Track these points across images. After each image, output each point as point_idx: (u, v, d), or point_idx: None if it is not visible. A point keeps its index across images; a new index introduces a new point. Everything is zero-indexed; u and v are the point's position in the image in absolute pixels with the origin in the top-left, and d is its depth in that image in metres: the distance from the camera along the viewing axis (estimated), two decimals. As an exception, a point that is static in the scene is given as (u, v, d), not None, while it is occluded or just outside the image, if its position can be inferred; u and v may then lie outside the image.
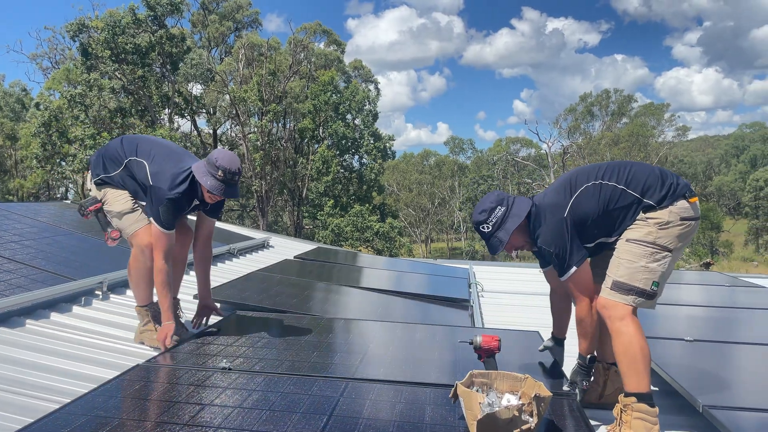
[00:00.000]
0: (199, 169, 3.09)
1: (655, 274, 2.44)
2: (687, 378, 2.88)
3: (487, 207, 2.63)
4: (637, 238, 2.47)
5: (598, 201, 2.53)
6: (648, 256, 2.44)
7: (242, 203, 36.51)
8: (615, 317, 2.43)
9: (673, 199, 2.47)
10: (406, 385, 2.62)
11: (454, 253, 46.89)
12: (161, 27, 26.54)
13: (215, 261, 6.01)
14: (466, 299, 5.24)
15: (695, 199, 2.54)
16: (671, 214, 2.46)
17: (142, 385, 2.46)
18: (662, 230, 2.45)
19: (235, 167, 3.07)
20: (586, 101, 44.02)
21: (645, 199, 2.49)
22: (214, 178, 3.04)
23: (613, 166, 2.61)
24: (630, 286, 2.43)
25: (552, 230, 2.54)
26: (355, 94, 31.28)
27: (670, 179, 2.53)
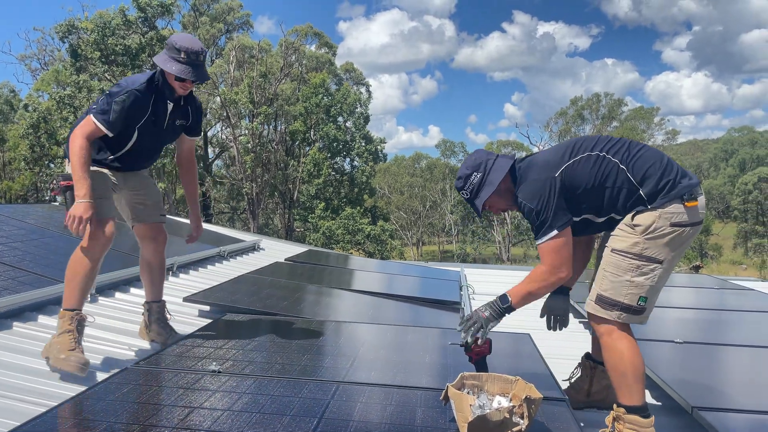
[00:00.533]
0: (160, 59, 2.87)
1: (643, 289, 2.26)
2: (677, 380, 2.89)
3: (463, 174, 2.51)
4: (622, 249, 2.28)
5: (596, 173, 2.32)
6: (633, 270, 2.26)
7: (233, 206, 36.39)
8: (602, 332, 2.34)
9: (665, 199, 2.25)
10: (397, 388, 2.61)
11: (446, 255, 46.95)
12: (152, 28, 26.45)
13: (205, 263, 5.98)
14: (457, 302, 5.24)
15: (694, 203, 2.26)
16: (660, 219, 2.23)
17: (131, 388, 2.43)
18: (649, 240, 2.25)
19: (198, 47, 2.88)
20: (576, 105, 44.31)
21: (641, 188, 2.28)
22: (178, 62, 2.84)
23: (623, 143, 2.39)
24: (614, 301, 2.28)
25: (536, 186, 2.34)
26: (346, 96, 31.30)
27: (669, 176, 2.27)
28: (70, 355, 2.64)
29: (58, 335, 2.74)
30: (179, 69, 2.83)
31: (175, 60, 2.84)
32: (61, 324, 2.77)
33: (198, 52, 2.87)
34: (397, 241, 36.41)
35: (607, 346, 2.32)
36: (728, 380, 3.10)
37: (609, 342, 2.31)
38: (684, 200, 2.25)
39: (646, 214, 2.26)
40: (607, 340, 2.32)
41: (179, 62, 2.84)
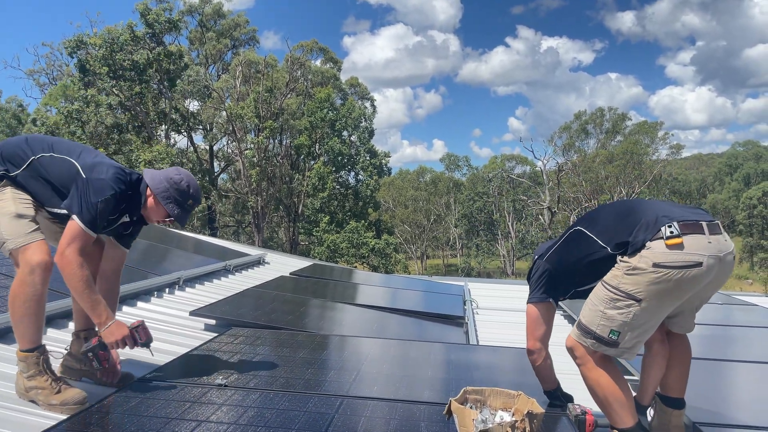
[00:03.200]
0: (163, 195, 2.68)
1: (614, 323, 2.22)
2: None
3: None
4: (605, 280, 2.29)
5: (575, 251, 2.49)
6: (607, 302, 2.24)
7: (238, 219, 36.50)
8: (578, 359, 2.37)
9: (636, 246, 2.19)
10: (401, 402, 2.64)
11: (450, 269, 46.89)
12: (159, 44, 26.78)
13: (211, 277, 6.03)
14: (461, 316, 5.26)
15: (676, 241, 2.12)
16: (641, 260, 2.17)
17: (138, 402, 2.47)
18: (629, 276, 2.19)
19: (200, 196, 2.79)
20: (580, 119, 44.38)
21: (603, 244, 2.33)
22: (181, 208, 2.71)
23: (597, 211, 2.54)
24: (588, 329, 2.31)
25: (533, 270, 2.75)
26: (351, 111, 31.50)
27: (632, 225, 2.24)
28: (65, 399, 2.45)
29: (29, 378, 2.48)
30: (180, 215, 2.71)
31: (179, 205, 2.71)
32: (25, 367, 2.48)
33: (199, 201, 2.81)
34: (402, 255, 36.41)
35: (584, 375, 2.38)
36: (731, 397, 3.11)
37: (584, 371, 2.36)
38: (664, 238, 2.14)
39: (629, 256, 2.23)
40: (582, 369, 2.37)
41: (182, 208, 2.72)
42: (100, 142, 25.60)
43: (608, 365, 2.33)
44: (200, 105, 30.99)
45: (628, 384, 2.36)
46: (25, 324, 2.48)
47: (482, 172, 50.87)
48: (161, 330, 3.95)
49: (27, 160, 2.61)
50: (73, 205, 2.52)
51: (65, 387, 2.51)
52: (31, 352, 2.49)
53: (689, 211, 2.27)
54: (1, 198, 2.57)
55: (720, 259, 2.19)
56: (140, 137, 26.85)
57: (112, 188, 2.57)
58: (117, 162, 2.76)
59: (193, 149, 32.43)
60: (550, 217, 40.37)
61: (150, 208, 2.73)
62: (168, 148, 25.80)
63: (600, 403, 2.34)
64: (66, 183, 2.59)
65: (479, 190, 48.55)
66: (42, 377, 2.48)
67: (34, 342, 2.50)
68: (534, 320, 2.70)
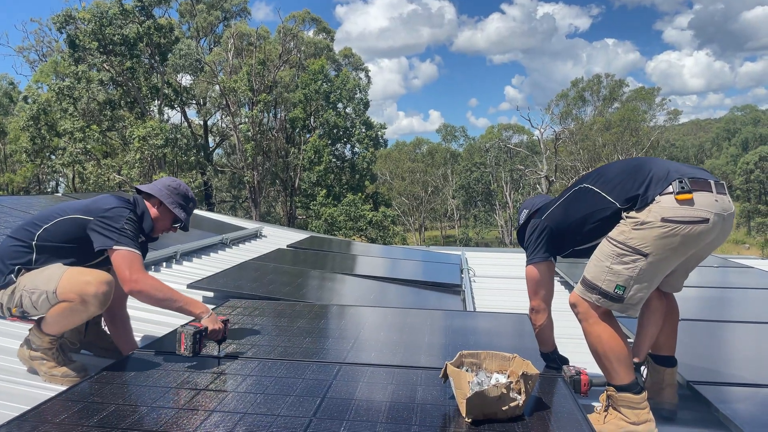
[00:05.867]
0: (164, 195, 2.79)
1: (620, 278, 2.26)
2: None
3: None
4: (611, 236, 2.32)
5: (580, 206, 2.50)
6: (614, 257, 2.27)
7: (234, 195, 36.44)
8: (581, 315, 2.39)
9: (645, 201, 2.23)
10: (398, 368, 2.67)
11: (448, 240, 47.05)
12: (149, 17, 26.33)
13: (208, 251, 6.04)
14: (458, 284, 5.29)
15: (686, 196, 2.16)
16: (650, 214, 2.20)
17: (137, 372, 2.49)
18: (636, 231, 2.23)
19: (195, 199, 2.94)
20: (577, 86, 44.05)
21: (611, 198, 2.35)
22: (185, 211, 2.85)
23: (604, 168, 2.51)
24: (593, 284, 2.33)
25: (529, 228, 2.77)
26: (345, 82, 31.17)
27: (641, 179, 2.28)
28: (66, 371, 2.54)
29: (39, 350, 2.55)
30: (186, 218, 2.87)
31: (183, 209, 2.86)
32: (39, 342, 2.54)
33: (196, 205, 2.96)
34: (399, 227, 36.48)
35: (586, 330, 2.39)
36: (725, 356, 3.15)
37: (587, 326, 2.38)
38: (675, 193, 2.18)
39: (636, 211, 2.26)
40: (585, 325, 2.39)
41: (186, 212, 2.87)
42: (92, 118, 25.37)
43: (610, 321, 2.36)
44: (193, 79, 30.65)
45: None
46: (62, 324, 2.52)
47: (479, 142, 50.66)
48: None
49: (31, 246, 2.58)
50: (106, 241, 2.53)
51: (69, 361, 2.60)
52: (49, 336, 2.55)
53: (697, 170, 2.31)
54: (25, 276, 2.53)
55: (724, 219, 2.23)
56: (133, 113, 26.61)
57: (125, 208, 2.64)
58: None
59: (187, 124, 32.16)
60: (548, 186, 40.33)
61: (156, 218, 2.81)
62: (162, 124, 25.59)
63: (599, 358, 2.37)
64: (79, 236, 2.58)
65: (476, 160, 48.40)
66: (49, 352, 2.56)
67: (58, 333, 2.57)
68: (537, 281, 2.70)
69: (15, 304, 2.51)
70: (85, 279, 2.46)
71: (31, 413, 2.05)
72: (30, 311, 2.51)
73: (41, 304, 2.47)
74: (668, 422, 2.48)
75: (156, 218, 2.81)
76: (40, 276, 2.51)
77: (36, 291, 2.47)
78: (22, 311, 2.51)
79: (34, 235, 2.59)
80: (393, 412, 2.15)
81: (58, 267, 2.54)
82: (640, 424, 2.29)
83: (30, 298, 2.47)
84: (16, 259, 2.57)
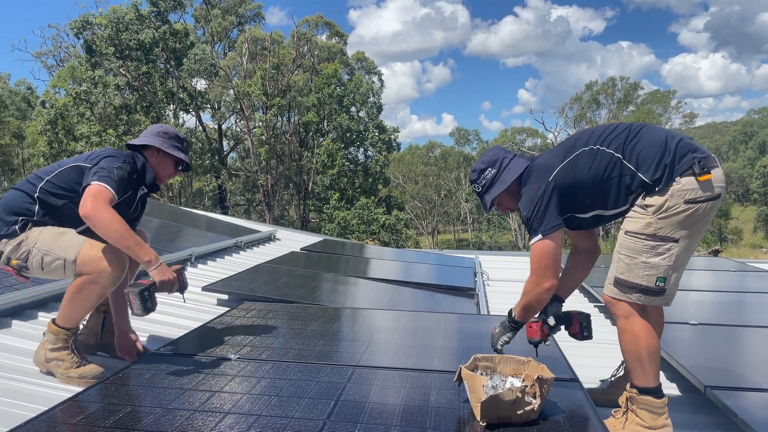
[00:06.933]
0: (165, 145, 2.81)
1: (659, 270, 2.23)
2: (691, 360, 2.91)
3: (477, 168, 2.59)
4: (635, 230, 2.26)
5: (591, 168, 2.32)
6: (648, 251, 2.23)
7: (248, 198, 36.64)
8: (620, 315, 2.34)
9: (670, 180, 2.20)
10: (412, 371, 2.66)
11: (461, 244, 46.90)
12: (164, 23, 26.62)
13: (222, 254, 6.07)
14: (471, 288, 5.27)
15: (708, 176, 2.18)
16: (672, 198, 2.18)
17: (153, 374, 2.51)
18: (662, 219, 2.20)
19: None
20: (591, 89, 43.80)
21: (640, 174, 2.24)
22: (182, 151, 2.86)
23: (621, 130, 2.36)
24: (631, 283, 2.27)
25: (531, 192, 2.40)
26: (358, 86, 31.26)
27: (668, 156, 2.22)
28: (83, 372, 2.54)
29: (53, 349, 2.55)
30: (185, 157, 2.86)
31: (180, 150, 2.85)
32: (54, 339, 2.56)
33: (188, 142, 2.89)
34: (412, 231, 36.45)
35: (624, 329, 2.34)
36: (742, 360, 3.10)
37: (625, 325, 2.33)
38: (696, 174, 2.18)
39: (656, 195, 2.22)
40: (623, 323, 2.33)
41: (183, 152, 2.87)
42: (109, 123, 25.66)
43: (647, 318, 2.33)
44: (207, 83, 30.90)
45: None
46: (77, 309, 2.55)
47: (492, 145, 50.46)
48: (175, 305, 3.99)
49: (34, 197, 2.58)
50: (88, 179, 2.51)
51: (85, 363, 2.60)
52: (66, 329, 2.57)
53: (698, 145, 2.30)
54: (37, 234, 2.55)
55: (724, 190, 2.29)
56: (149, 117, 26.88)
57: (120, 158, 2.63)
58: None
59: (202, 128, 32.42)
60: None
61: (156, 165, 2.82)
62: (177, 128, 25.80)
63: (634, 357, 2.32)
64: (80, 183, 2.57)
65: (489, 163, 48.10)
66: (65, 351, 2.57)
67: (74, 324, 2.60)
68: (555, 255, 2.38)
69: (19, 257, 2.50)
70: (102, 255, 2.49)
71: (47, 414, 2.07)
72: (33, 271, 2.53)
73: (54, 268, 2.49)
74: (686, 427, 2.45)
75: (157, 164, 2.83)
76: (58, 241, 2.51)
77: (51, 254, 2.48)
78: (22, 266, 2.51)
79: (36, 188, 2.59)
80: (407, 415, 2.15)
81: (76, 236, 2.54)
82: (657, 429, 2.27)
83: (41, 259, 2.48)
84: (19, 210, 2.57)
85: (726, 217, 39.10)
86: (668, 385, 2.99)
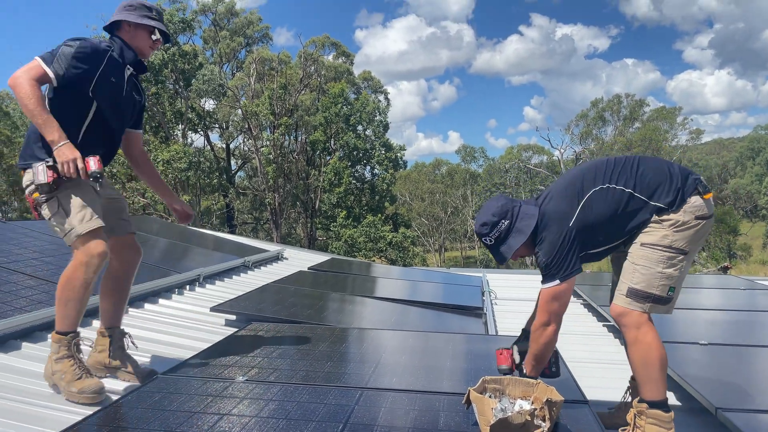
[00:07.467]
0: (133, 16, 2.75)
1: (672, 280, 2.35)
2: (701, 381, 2.88)
3: (489, 220, 2.50)
4: (652, 242, 2.36)
5: (607, 207, 2.39)
6: (665, 261, 2.34)
7: (256, 216, 36.76)
8: (631, 325, 2.36)
9: (683, 201, 2.35)
10: (420, 393, 2.65)
11: (468, 261, 46.74)
12: (174, 44, 26.95)
13: (230, 274, 6.09)
14: (479, 307, 5.26)
15: (710, 195, 2.39)
16: (686, 214, 2.34)
17: (161, 397, 2.51)
18: (678, 232, 2.34)
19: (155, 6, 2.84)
20: (597, 107, 43.89)
21: (653, 202, 2.37)
22: (154, 20, 2.78)
23: (621, 166, 2.44)
24: (647, 293, 2.35)
25: (553, 238, 2.41)
26: (365, 105, 31.46)
27: (677, 182, 2.37)
28: (83, 387, 2.54)
29: (57, 360, 2.59)
30: (158, 24, 2.80)
31: (150, 18, 2.79)
32: (57, 348, 2.60)
33: (161, 12, 2.89)
34: (419, 248, 36.38)
35: (636, 339, 2.35)
36: (754, 381, 3.07)
37: (638, 335, 2.35)
38: (701, 193, 2.37)
39: (671, 213, 2.36)
40: (635, 333, 2.36)
41: (152, 18, 2.80)
42: (118, 143, 25.87)
43: (656, 331, 2.37)
44: (216, 103, 31.18)
45: None
46: (69, 307, 2.61)
47: (499, 162, 50.57)
48: (183, 326, 4.01)
49: None
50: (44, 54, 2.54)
51: (87, 376, 2.61)
52: (66, 335, 2.62)
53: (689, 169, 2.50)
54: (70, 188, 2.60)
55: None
56: (158, 137, 27.13)
57: (78, 39, 2.60)
58: None
59: (210, 148, 32.66)
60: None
61: (132, 40, 2.78)
62: (185, 147, 26.04)
63: (646, 369, 2.33)
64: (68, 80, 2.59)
65: (496, 181, 48.29)
66: (68, 361, 2.59)
67: (71, 326, 2.64)
68: (566, 300, 2.43)
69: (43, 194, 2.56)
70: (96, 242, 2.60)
71: (59, 437, 2.08)
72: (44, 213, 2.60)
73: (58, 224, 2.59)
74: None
75: (133, 38, 2.79)
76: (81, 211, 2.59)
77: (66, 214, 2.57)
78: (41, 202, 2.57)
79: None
80: (415, 438, 2.14)
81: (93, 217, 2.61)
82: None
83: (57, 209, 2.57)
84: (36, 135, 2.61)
85: (735, 234, 38.78)
86: (678, 406, 2.97)
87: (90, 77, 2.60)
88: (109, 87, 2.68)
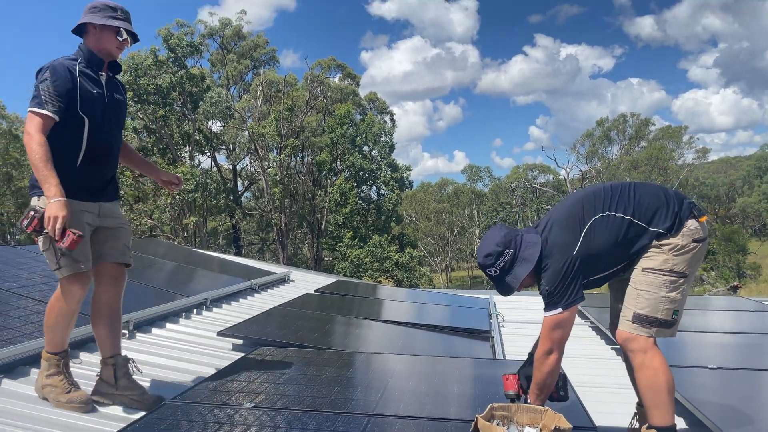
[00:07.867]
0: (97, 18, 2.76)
1: (675, 303, 2.39)
2: (710, 406, 2.86)
3: (493, 251, 2.48)
4: (654, 267, 2.39)
5: (609, 234, 2.42)
6: (667, 286, 2.37)
7: (262, 237, 36.83)
8: (638, 350, 2.38)
9: (680, 225, 2.39)
10: (427, 420, 2.64)
11: (475, 281, 46.54)
12: (182, 67, 27.35)
13: (237, 297, 6.10)
14: (486, 330, 5.24)
15: (705, 218, 2.46)
16: (684, 238, 2.38)
17: (168, 424, 2.52)
18: (678, 256, 2.38)
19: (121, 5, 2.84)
20: (603, 126, 43.95)
21: (652, 228, 2.40)
22: (118, 20, 2.79)
23: (618, 193, 2.46)
24: (652, 318, 2.37)
25: (556, 266, 2.40)
26: (371, 126, 31.66)
27: (674, 207, 2.42)
28: (71, 398, 2.76)
29: (48, 375, 2.81)
30: (123, 24, 2.80)
31: (114, 18, 2.79)
32: (47, 366, 2.83)
33: (127, 12, 2.88)
34: (426, 268, 36.29)
35: (644, 364, 2.36)
36: (764, 407, 3.04)
37: (645, 360, 2.36)
38: (696, 216, 2.42)
39: (671, 237, 2.40)
40: (642, 358, 2.36)
41: (119, 20, 2.80)
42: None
43: (662, 355, 2.39)
44: (223, 125, 31.47)
45: None
46: (55, 332, 2.83)
47: (505, 182, 50.61)
48: (190, 351, 4.02)
49: None
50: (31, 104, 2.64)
51: (74, 390, 2.82)
52: (55, 354, 2.84)
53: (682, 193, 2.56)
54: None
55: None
56: (165, 159, 27.36)
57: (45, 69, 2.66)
58: None
59: (217, 169, 32.89)
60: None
61: (98, 42, 2.80)
62: (192, 169, 26.22)
63: (655, 394, 2.33)
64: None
65: (502, 200, 48.27)
66: (58, 377, 2.81)
67: (59, 347, 2.86)
68: (568, 328, 2.43)
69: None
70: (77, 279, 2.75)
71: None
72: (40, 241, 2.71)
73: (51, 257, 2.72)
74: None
75: (99, 43, 2.80)
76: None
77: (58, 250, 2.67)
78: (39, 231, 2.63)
79: None
80: (423, 467, 2.13)
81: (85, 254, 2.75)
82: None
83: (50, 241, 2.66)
84: None
85: (744, 253, 38.52)
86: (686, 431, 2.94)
87: (73, 96, 2.70)
88: (92, 99, 2.77)
